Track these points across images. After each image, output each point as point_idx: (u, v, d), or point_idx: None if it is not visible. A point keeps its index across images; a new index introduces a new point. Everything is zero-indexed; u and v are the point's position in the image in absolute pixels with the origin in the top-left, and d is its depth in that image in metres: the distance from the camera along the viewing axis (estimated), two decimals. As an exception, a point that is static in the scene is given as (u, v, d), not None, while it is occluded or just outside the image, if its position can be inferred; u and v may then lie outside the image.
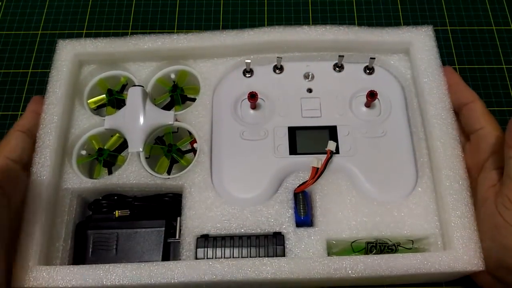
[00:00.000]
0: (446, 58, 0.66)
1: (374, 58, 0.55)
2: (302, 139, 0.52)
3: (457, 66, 0.66)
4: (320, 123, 0.53)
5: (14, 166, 0.47)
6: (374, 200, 0.50)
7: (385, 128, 0.53)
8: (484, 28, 0.69)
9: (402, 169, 0.51)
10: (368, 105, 0.54)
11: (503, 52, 0.67)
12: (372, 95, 0.52)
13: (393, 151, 0.52)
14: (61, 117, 0.53)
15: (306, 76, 0.56)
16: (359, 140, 0.52)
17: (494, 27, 0.69)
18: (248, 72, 0.56)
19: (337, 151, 0.51)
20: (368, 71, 0.56)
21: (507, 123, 0.61)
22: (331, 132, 0.53)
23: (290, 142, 0.52)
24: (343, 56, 0.55)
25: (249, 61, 0.55)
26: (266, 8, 0.72)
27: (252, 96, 0.51)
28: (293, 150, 0.52)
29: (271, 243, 0.48)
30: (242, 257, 0.48)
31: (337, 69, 0.56)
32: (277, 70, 0.56)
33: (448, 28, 0.69)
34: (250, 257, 0.48)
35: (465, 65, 0.66)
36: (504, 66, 0.66)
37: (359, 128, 0.53)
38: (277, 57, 0.55)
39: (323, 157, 0.50)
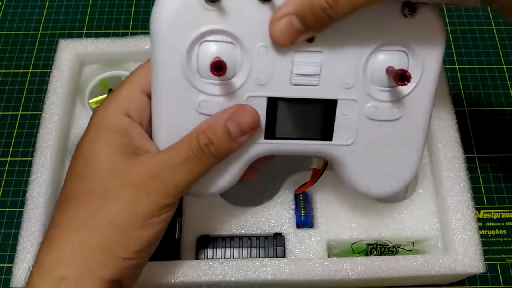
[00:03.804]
0: (446, 58, 0.66)
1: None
2: (284, 117, 0.36)
3: (457, 66, 0.66)
4: (316, 94, 0.36)
5: (146, 99, 0.38)
6: (371, 201, 0.47)
7: (403, 108, 0.37)
8: (484, 28, 0.69)
9: (404, 164, 0.40)
10: (391, 74, 0.35)
11: (503, 52, 0.67)
12: (403, 78, 0.33)
13: (402, 143, 0.39)
14: (62, 117, 0.53)
15: None
16: (362, 123, 0.37)
17: (494, 27, 0.69)
18: None
19: (329, 137, 0.37)
20: (408, 12, 0.34)
21: (507, 124, 0.61)
22: (327, 109, 0.36)
23: (268, 121, 0.36)
24: None
25: None
26: (266, 8, 0.72)
27: (218, 69, 0.31)
28: (270, 133, 0.37)
29: (272, 244, 0.48)
30: (242, 257, 0.48)
31: None
32: None
33: (448, 28, 0.69)
34: (250, 257, 0.48)
35: (465, 65, 0.66)
36: (504, 66, 0.66)
37: (368, 104, 0.37)
38: None
39: (314, 143, 0.38)
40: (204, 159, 0.34)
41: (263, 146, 0.37)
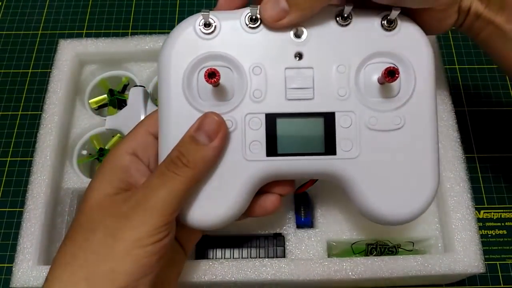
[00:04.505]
0: (446, 58, 0.66)
1: (399, 8, 0.36)
2: (284, 133, 0.37)
3: (457, 66, 0.66)
4: (312, 108, 0.37)
5: (152, 139, 0.40)
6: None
7: (404, 116, 0.37)
8: (484, 28, 0.69)
9: (419, 179, 0.37)
10: (382, 81, 0.37)
11: (503, 52, 0.67)
12: (391, 74, 0.35)
13: (411, 154, 0.37)
14: (62, 117, 0.53)
15: (295, 33, 0.37)
16: (365, 135, 0.37)
17: (494, 27, 0.69)
18: (207, 27, 0.37)
19: (333, 151, 0.37)
20: (387, 26, 0.37)
21: (507, 124, 0.61)
22: (327, 121, 0.37)
23: (269, 137, 0.37)
24: (352, 2, 0.36)
25: (207, 11, 0.36)
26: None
27: (211, 76, 0.34)
28: (272, 150, 0.37)
29: (272, 244, 0.48)
30: (242, 257, 0.48)
31: (341, 21, 0.37)
32: (251, 24, 0.37)
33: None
34: (250, 258, 0.48)
35: (465, 65, 0.66)
36: (504, 66, 0.66)
37: (367, 115, 0.37)
38: (251, 5, 0.37)
39: (319, 159, 0.37)
40: (178, 171, 0.34)
41: (265, 164, 0.37)
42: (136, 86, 0.55)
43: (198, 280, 0.44)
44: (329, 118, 0.37)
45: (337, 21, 0.37)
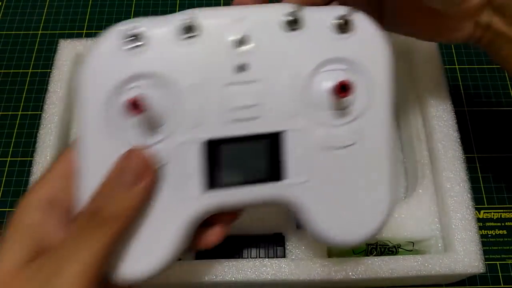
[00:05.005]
0: (446, 58, 0.66)
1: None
2: (227, 161, 0.31)
3: (457, 66, 0.66)
4: (257, 128, 0.31)
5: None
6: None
7: (357, 131, 0.33)
8: (484, 28, 0.69)
9: (373, 197, 0.33)
10: (335, 95, 0.31)
11: (503, 52, 0.67)
12: (343, 89, 0.31)
13: (364, 173, 0.33)
14: (62, 117, 0.53)
15: (237, 41, 0.31)
16: (314, 155, 0.32)
17: (494, 27, 0.69)
18: (134, 40, 0.30)
19: (279, 176, 0.32)
20: (341, 28, 0.32)
21: (507, 124, 0.61)
22: (273, 144, 0.32)
23: (207, 168, 0.31)
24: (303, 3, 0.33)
25: (133, 21, 0.30)
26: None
27: (133, 106, 0.28)
28: (212, 182, 0.31)
29: (272, 244, 0.48)
30: (242, 257, 0.48)
31: (291, 25, 0.31)
32: (186, 34, 0.31)
33: (449, 28, 0.69)
34: (250, 258, 0.48)
35: (465, 65, 0.66)
36: (504, 66, 0.66)
37: (318, 132, 0.32)
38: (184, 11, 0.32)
39: (264, 187, 0.32)
40: (99, 226, 0.28)
41: (204, 199, 0.31)
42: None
43: (198, 280, 0.44)
44: (275, 140, 0.32)
45: (285, 26, 0.31)
